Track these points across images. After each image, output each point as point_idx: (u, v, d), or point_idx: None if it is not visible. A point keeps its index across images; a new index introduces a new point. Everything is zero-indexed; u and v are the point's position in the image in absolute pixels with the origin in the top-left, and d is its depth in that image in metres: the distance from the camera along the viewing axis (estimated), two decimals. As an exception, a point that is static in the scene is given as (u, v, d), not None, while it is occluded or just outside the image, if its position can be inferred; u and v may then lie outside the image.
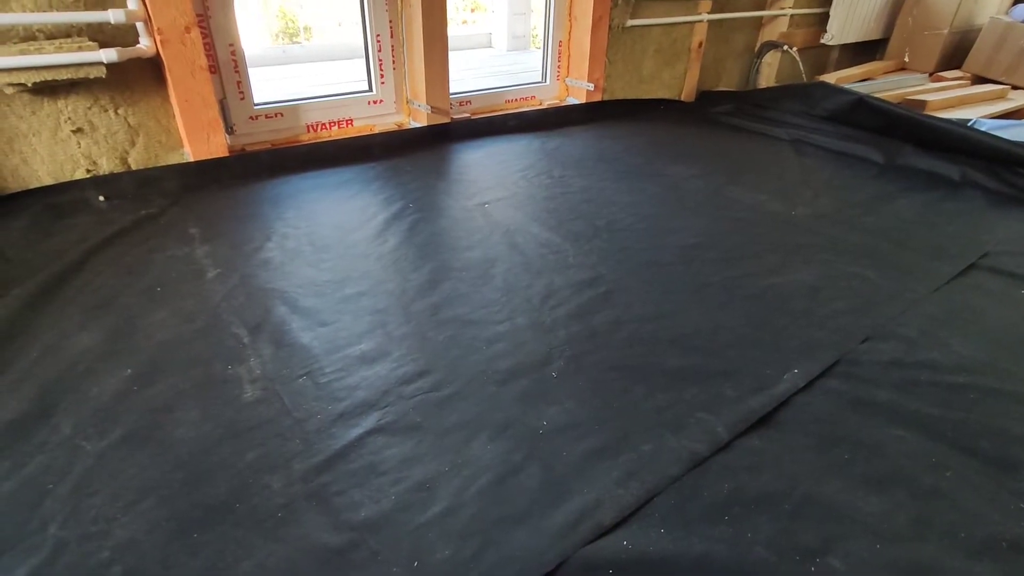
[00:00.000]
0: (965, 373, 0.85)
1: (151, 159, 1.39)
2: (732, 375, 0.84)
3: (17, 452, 0.68)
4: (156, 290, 1.00)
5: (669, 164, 1.68)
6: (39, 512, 0.61)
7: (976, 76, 2.47)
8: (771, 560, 0.58)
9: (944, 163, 1.63)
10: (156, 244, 1.15)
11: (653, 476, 0.67)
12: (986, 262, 1.17)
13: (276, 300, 0.98)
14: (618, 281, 1.07)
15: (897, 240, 1.26)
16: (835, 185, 1.57)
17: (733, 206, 1.42)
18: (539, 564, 0.57)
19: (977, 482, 0.68)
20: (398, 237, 1.21)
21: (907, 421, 0.76)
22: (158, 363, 0.84)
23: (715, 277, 1.10)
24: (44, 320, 0.92)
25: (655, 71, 2.24)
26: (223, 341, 0.88)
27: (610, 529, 0.61)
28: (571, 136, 1.90)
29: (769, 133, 1.99)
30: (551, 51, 2.04)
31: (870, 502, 0.65)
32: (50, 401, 0.76)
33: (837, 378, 0.84)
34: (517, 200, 1.41)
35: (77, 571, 0.55)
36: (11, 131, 1.23)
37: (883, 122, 1.86)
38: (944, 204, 1.45)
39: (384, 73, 1.71)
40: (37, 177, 1.28)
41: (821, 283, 1.09)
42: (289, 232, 1.22)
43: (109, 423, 0.73)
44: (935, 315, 0.99)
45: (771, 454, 0.71)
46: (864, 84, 2.38)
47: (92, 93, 1.27)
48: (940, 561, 0.59)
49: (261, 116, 1.55)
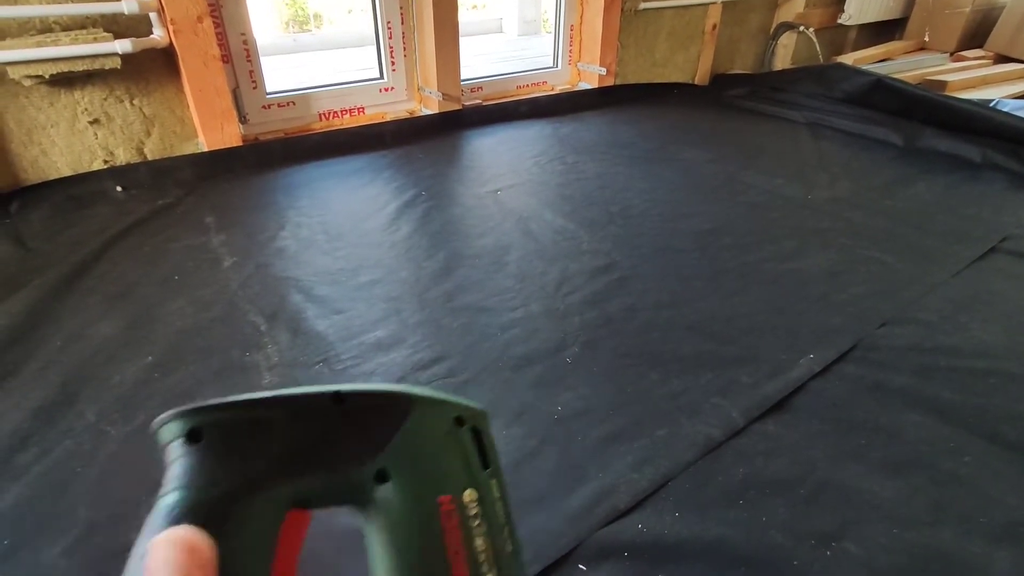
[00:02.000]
0: (985, 358, 0.84)
1: (166, 149, 1.40)
2: (748, 361, 0.84)
3: (44, 438, 0.70)
4: (174, 279, 1.02)
5: (683, 149, 1.66)
6: (68, 495, 0.63)
7: (999, 55, 2.41)
8: (786, 544, 0.59)
9: (965, 145, 1.60)
10: (173, 234, 1.16)
11: (668, 461, 0.67)
12: (1007, 245, 1.14)
13: (291, 288, 0.99)
14: (633, 267, 1.07)
15: (916, 224, 1.24)
16: (853, 168, 1.54)
17: (749, 191, 1.40)
18: (555, 547, 0.58)
19: (997, 467, 0.67)
20: (411, 225, 1.22)
21: (925, 406, 0.76)
22: (177, 351, 0.85)
23: (731, 263, 1.09)
24: (66, 309, 0.93)
25: (668, 54, 2.21)
26: (241, 329, 0.90)
27: (625, 513, 0.62)
28: (584, 121, 1.88)
29: (785, 116, 1.96)
30: (562, 35, 2.02)
31: (887, 487, 0.65)
32: (74, 388, 0.78)
33: (854, 363, 0.84)
34: (530, 187, 1.41)
35: (107, 550, 0.57)
36: (30, 123, 1.24)
37: (902, 104, 1.82)
38: (964, 187, 1.42)
39: (395, 60, 1.70)
40: (56, 168, 1.30)
41: (838, 268, 1.07)
42: (303, 221, 1.22)
43: (132, 409, 0.74)
44: (955, 299, 0.98)
45: (787, 439, 0.71)
46: (883, 65, 2.34)
47: (107, 84, 1.28)
48: (958, 546, 0.58)
49: (273, 105, 1.55)
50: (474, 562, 0.22)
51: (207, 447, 0.20)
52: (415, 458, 0.22)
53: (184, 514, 0.19)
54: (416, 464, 0.22)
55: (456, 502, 0.23)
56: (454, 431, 0.24)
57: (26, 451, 0.68)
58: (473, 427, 0.25)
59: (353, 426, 0.22)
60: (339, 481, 0.22)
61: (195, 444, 0.20)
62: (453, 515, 0.22)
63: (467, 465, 0.24)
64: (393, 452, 0.22)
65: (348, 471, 0.22)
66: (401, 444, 0.22)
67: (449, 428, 0.24)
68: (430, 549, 0.22)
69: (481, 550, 0.22)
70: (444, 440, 0.24)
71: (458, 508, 0.22)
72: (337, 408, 0.22)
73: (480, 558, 0.22)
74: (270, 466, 0.21)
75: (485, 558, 0.22)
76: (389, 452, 0.22)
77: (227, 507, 0.19)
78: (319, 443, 0.21)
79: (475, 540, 0.22)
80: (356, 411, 0.22)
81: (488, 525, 0.23)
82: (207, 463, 0.20)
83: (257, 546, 0.20)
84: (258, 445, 0.21)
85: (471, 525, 0.22)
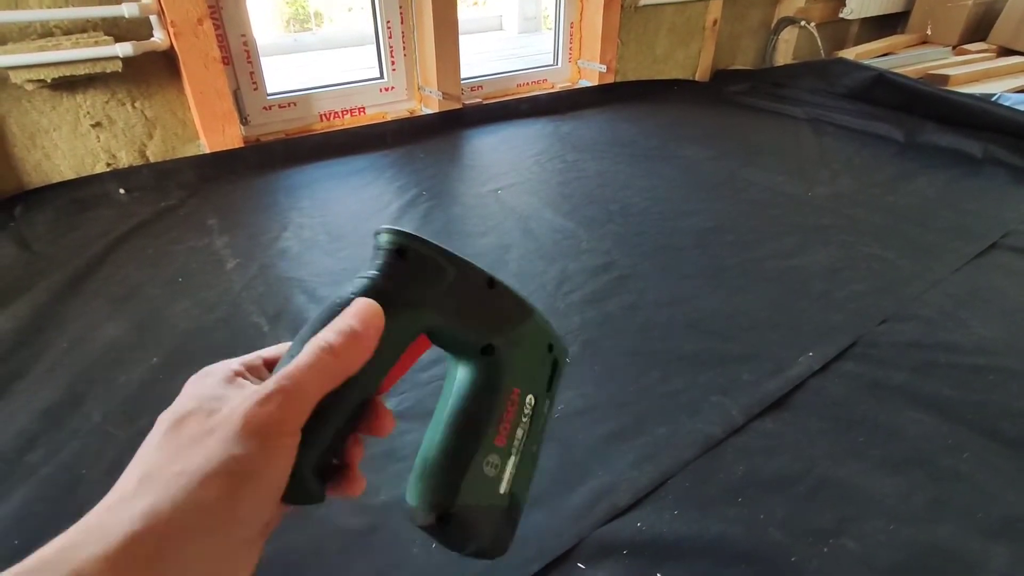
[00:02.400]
0: (985, 354, 0.84)
1: (168, 151, 1.41)
2: (748, 359, 0.84)
3: (51, 439, 0.71)
4: (178, 281, 1.02)
5: (684, 146, 1.66)
6: (75, 496, 0.64)
7: (1002, 48, 2.40)
8: (785, 541, 0.59)
9: (967, 140, 1.59)
10: (176, 236, 1.17)
11: (668, 459, 0.68)
12: (1008, 241, 1.14)
13: (294, 289, 1.00)
14: (633, 266, 1.07)
15: (917, 220, 1.24)
16: (854, 164, 1.54)
17: (750, 188, 1.40)
18: (556, 544, 0.59)
19: (996, 464, 0.68)
20: (412, 225, 1.22)
21: (925, 403, 0.76)
22: (182, 352, 0.86)
23: (731, 260, 1.09)
24: (71, 312, 0.94)
25: (669, 51, 2.20)
26: (244, 330, 0.90)
27: (625, 511, 0.62)
28: (584, 119, 1.88)
29: (786, 112, 1.95)
30: (563, 33, 2.02)
31: (886, 484, 0.65)
32: (80, 390, 0.79)
33: (854, 360, 0.84)
34: (530, 185, 1.41)
35: (113, 552, 0.58)
36: (32, 127, 1.25)
37: (904, 98, 1.82)
38: (966, 182, 1.42)
39: (395, 59, 1.70)
40: (59, 171, 1.31)
41: (839, 265, 1.07)
42: (305, 222, 1.23)
43: (137, 411, 0.75)
44: (955, 296, 0.98)
45: (786, 437, 0.72)
46: (884, 59, 2.33)
47: (109, 87, 1.29)
48: (956, 542, 0.59)
49: (275, 106, 1.56)
50: (511, 440, 0.29)
51: (403, 262, 0.27)
52: (514, 351, 0.29)
53: (369, 290, 0.27)
54: (513, 356, 0.29)
55: (521, 397, 0.30)
56: (545, 351, 0.31)
57: (34, 452, 0.69)
58: (555, 358, 0.32)
59: (489, 305, 0.29)
60: (461, 335, 0.29)
61: (399, 257, 0.27)
62: (515, 403, 0.29)
63: (539, 378, 0.31)
64: (503, 338, 0.29)
65: (469, 333, 0.29)
66: (511, 337, 0.29)
67: (543, 346, 0.31)
68: (492, 414, 0.28)
69: (518, 438, 0.29)
70: (535, 353, 0.31)
71: (520, 402, 0.29)
72: (487, 288, 0.29)
73: (515, 441, 0.29)
74: (428, 298, 0.27)
75: (518, 444, 0.29)
76: (500, 337, 0.29)
77: (389, 305, 0.26)
78: (463, 302, 0.28)
79: (518, 429, 0.29)
80: (498, 298, 0.30)
81: (532, 425, 0.30)
82: (396, 271, 0.27)
83: (396, 343, 0.27)
84: (431, 281, 0.28)
85: (521, 419, 0.29)
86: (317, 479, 0.25)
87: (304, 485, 0.24)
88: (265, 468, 0.22)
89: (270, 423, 0.22)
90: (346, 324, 0.25)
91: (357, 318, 0.25)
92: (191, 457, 0.22)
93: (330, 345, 0.24)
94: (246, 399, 0.23)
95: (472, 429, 0.28)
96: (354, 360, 0.25)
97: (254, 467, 0.22)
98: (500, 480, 0.28)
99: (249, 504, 0.22)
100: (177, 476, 0.21)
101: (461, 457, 0.28)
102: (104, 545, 0.19)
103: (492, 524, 0.28)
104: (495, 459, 0.28)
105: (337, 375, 0.24)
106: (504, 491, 0.29)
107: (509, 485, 0.29)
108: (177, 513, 0.20)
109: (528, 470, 0.30)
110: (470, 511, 0.27)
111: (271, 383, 0.23)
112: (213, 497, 0.21)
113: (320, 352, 0.24)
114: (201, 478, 0.21)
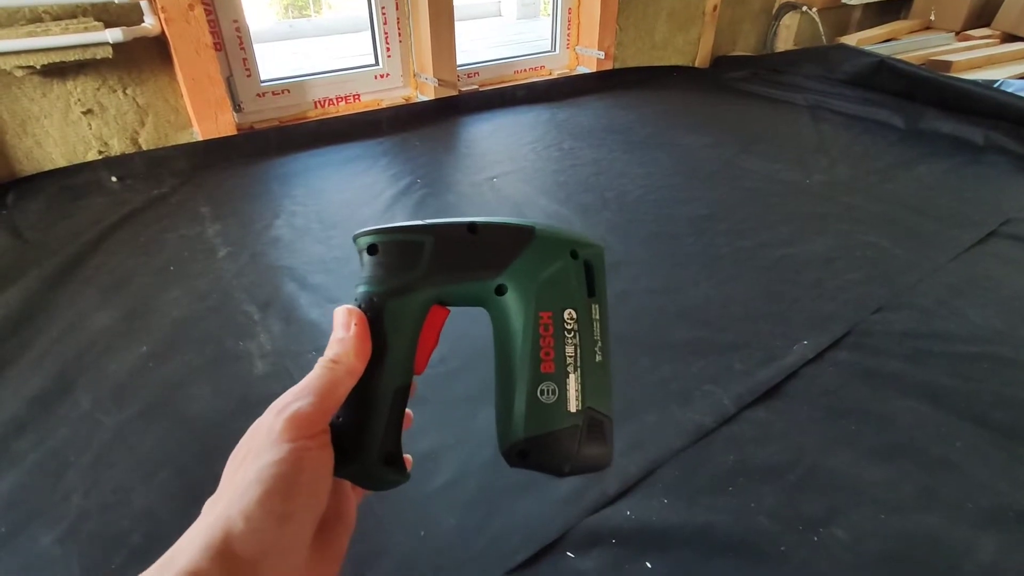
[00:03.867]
0: (980, 343, 0.84)
1: (161, 139, 1.40)
2: (741, 347, 0.84)
3: (40, 426, 0.71)
4: (169, 269, 1.02)
5: (682, 134, 1.65)
6: (62, 483, 0.64)
7: (1006, 34, 2.37)
8: (774, 530, 0.59)
9: (968, 127, 1.58)
10: (168, 224, 1.16)
11: (657, 447, 0.68)
12: (1007, 229, 1.13)
13: (285, 277, 1.00)
14: (626, 253, 1.07)
15: (916, 208, 1.22)
16: (853, 152, 1.52)
17: (747, 176, 1.39)
18: (544, 533, 0.59)
19: (987, 452, 0.67)
20: (406, 213, 1.21)
21: (918, 392, 0.76)
22: (172, 340, 0.85)
23: (726, 248, 1.09)
24: (62, 299, 0.94)
25: (668, 37, 2.18)
26: (234, 318, 0.90)
27: (614, 500, 0.62)
28: (581, 106, 1.87)
29: (786, 99, 1.93)
30: (560, 18, 2.00)
31: (876, 473, 0.65)
32: (70, 377, 0.78)
33: (848, 349, 0.83)
34: (526, 173, 1.40)
35: (99, 539, 0.58)
36: (23, 114, 1.24)
37: (905, 85, 1.80)
38: (966, 170, 1.41)
39: (390, 46, 1.69)
40: (51, 159, 1.30)
41: (835, 253, 1.07)
42: (298, 210, 1.22)
43: (127, 398, 0.75)
44: (952, 284, 0.97)
45: (778, 426, 0.71)
46: (886, 45, 2.30)
47: (100, 74, 1.28)
48: (945, 531, 0.59)
49: (268, 93, 1.55)
50: (561, 362, 0.29)
51: (377, 257, 0.29)
52: (527, 278, 0.29)
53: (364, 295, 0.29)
54: (527, 283, 0.29)
55: (556, 318, 0.29)
56: (567, 261, 0.30)
57: (22, 439, 0.69)
58: (586, 260, 0.30)
59: (483, 249, 0.29)
60: (469, 289, 0.29)
61: (373, 255, 0.29)
62: (549, 327, 0.29)
63: (570, 290, 0.30)
64: (511, 272, 0.29)
65: (476, 283, 0.29)
66: (519, 266, 0.29)
67: (563, 258, 0.30)
68: (524, 347, 0.29)
69: (570, 356, 0.29)
70: (554, 267, 0.30)
71: (555, 322, 0.29)
72: (471, 236, 0.29)
73: (567, 360, 0.29)
74: (419, 275, 0.28)
75: (571, 361, 0.29)
76: (508, 271, 0.29)
77: (384, 300, 0.28)
78: (457, 260, 0.29)
79: (566, 347, 0.29)
80: (487, 238, 0.29)
81: (581, 338, 0.29)
82: (376, 267, 0.29)
83: (405, 328, 0.29)
84: (412, 260, 0.28)
85: (565, 336, 0.29)
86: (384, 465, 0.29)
87: (373, 472, 0.29)
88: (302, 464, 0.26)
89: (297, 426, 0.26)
90: (334, 336, 0.29)
91: (338, 326, 0.29)
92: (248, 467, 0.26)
93: (328, 358, 0.28)
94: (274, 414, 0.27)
95: (511, 369, 0.29)
96: (354, 360, 0.28)
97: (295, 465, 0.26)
98: (565, 401, 0.29)
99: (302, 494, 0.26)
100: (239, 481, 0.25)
101: (511, 398, 0.29)
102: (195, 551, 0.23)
103: (576, 442, 0.29)
104: (549, 386, 0.29)
105: (346, 377, 0.28)
106: (577, 408, 0.29)
107: (580, 402, 0.29)
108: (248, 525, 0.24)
109: (598, 379, 0.30)
110: (546, 439, 0.28)
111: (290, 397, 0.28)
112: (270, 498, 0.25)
113: (323, 365, 0.28)
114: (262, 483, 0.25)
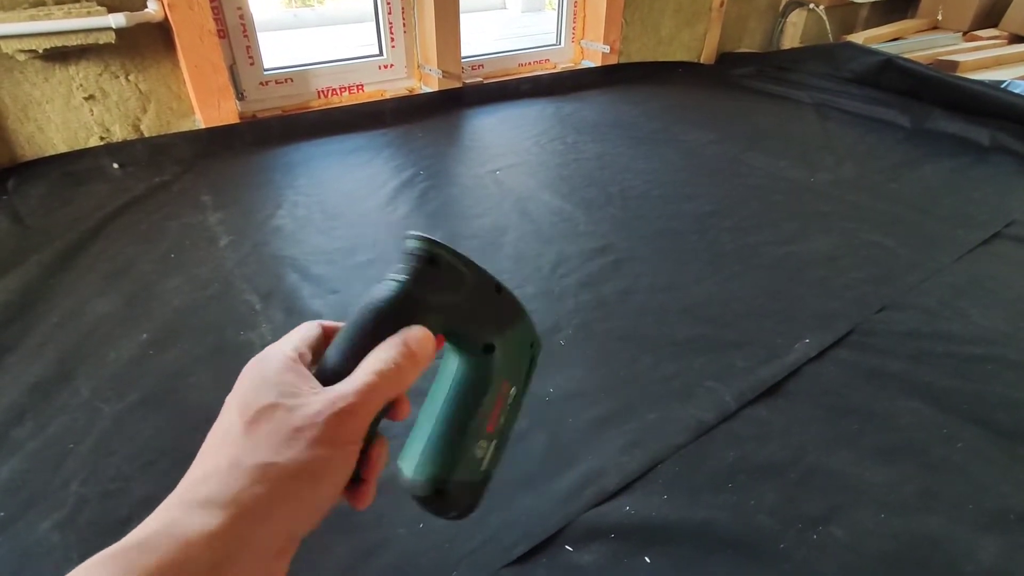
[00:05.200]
0: (983, 344, 0.84)
1: (163, 126, 1.39)
2: (743, 345, 0.83)
3: (40, 413, 0.71)
4: (171, 257, 1.01)
5: (687, 130, 1.64)
6: (62, 470, 0.64)
7: (1013, 35, 2.35)
8: (773, 528, 0.59)
9: (974, 127, 1.57)
10: (170, 211, 1.16)
11: (658, 444, 0.68)
12: (1012, 230, 1.13)
13: (287, 267, 0.99)
14: (630, 250, 1.06)
15: (921, 207, 1.22)
16: (859, 151, 1.52)
17: (752, 173, 1.38)
18: (543, 527, 0.58)
19: (989, 454, 0.67)
20: (408, 205, 1.21)
21: (920, 392, 0.75)
22: (173, 329, 0.85)
23: (730, 246, 1.08)
24: (63, 286, 0.94)
25: (674, 32, 2.16)
26: (236, 308, 0.90)
27: (613, 495, 0.62)
28: (586, 101, 1.86)
29: (792, 96, 1.92)
30: (566, 12, 1.98)
31: (877, 473, 0.65)
32: (70, 365, 0.78)
33: (850, 348, 0.83)
34: (529, 167, 1.39)
35: (98, 526, 0.58)
36: (25, 98, 1.23)
37: (912, 84, 1.78)
38: (972, 170, 1.40)
39: (394, 37, 1.67)
40: (52, 144, 1.29)
41: (839, 252, 1.06)
42: (300, 200, 1.22)
43: (126, 386, 0.75)
44: (956, 285, 0.97)
45: (779, 424, 0.71)
46: (893, 44, 2.28)
47: (102, 59, 1.27)
48: (945, 532, 0.59)
49: (271, 82, 1.54)
50: (496, 427, 0.33)
51: (433, 269, 0.30)
52: (508, 350, 0.33)
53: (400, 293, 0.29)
54: (507, 353, 0.33)
55: (509, 390, 0.33)
56: (528, 347, 0.34)
57: (22, 426, 0.69)
58: (534, 354, 0.35)
59: (495, 309, 0.33)
60: (470, 335, 0.32)
61: (430, 264, 0.30)
62: (503, 396, 0.33)
63: (521, 371, 0.34)
64: (501, 338, 0.32)
65: (477, 333, 0.32)
66: (510, 336, 0.33)
67: (528, 344, 0.34)
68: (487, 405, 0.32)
69: (500, 425, 0.33)
70: (522, 349, 0.34)
71: (507, 393, 0.33)
72: (494, 293, 0.32)
73: (500, 427, 0.33)
74: (451, 303, 0.30)
75: (498, 431, 0.33)
76: (499, 337, 0.32)
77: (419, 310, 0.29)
78: (476, 306, 0.32)
79: (502, 417, 0.33)
80: (502, 301, 0.33)
81: (509, 414, 0.34)
82: (426, 278, 0.30)
83: None
84: (454, 287, 0.30)
85: (506, 408, 0.33)
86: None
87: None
88: (336, 471, 0.26)
89: (344, 432, 0.25)
90: (408, 348, 0.28)
91: (418, 344, 0.28)
92: (282, 451, 0.24)
93: (397, 365, 0.27)
94: (327, 406, 0.25)
95: (470, 418, 0.32)
96: (410, 380, 0.28)
97: (328, 469, 0.25)
98: (484, 459, 0.33)
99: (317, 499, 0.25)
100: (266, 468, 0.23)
101: (461, 443, 0.32)
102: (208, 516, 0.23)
103: (472, 495, 0.33)
104: (484, 443, 0.32)
105: (396, 391, 0.28)
106: (485, 468, 0.33)
107: (488, 463, 0.33)
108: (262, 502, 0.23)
109: (503, 449, 0.34)
110: (459, 486, 0.32)
111: (350, 393, 0.26)
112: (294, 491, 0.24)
113: (389, 370, 0.27)
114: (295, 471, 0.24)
